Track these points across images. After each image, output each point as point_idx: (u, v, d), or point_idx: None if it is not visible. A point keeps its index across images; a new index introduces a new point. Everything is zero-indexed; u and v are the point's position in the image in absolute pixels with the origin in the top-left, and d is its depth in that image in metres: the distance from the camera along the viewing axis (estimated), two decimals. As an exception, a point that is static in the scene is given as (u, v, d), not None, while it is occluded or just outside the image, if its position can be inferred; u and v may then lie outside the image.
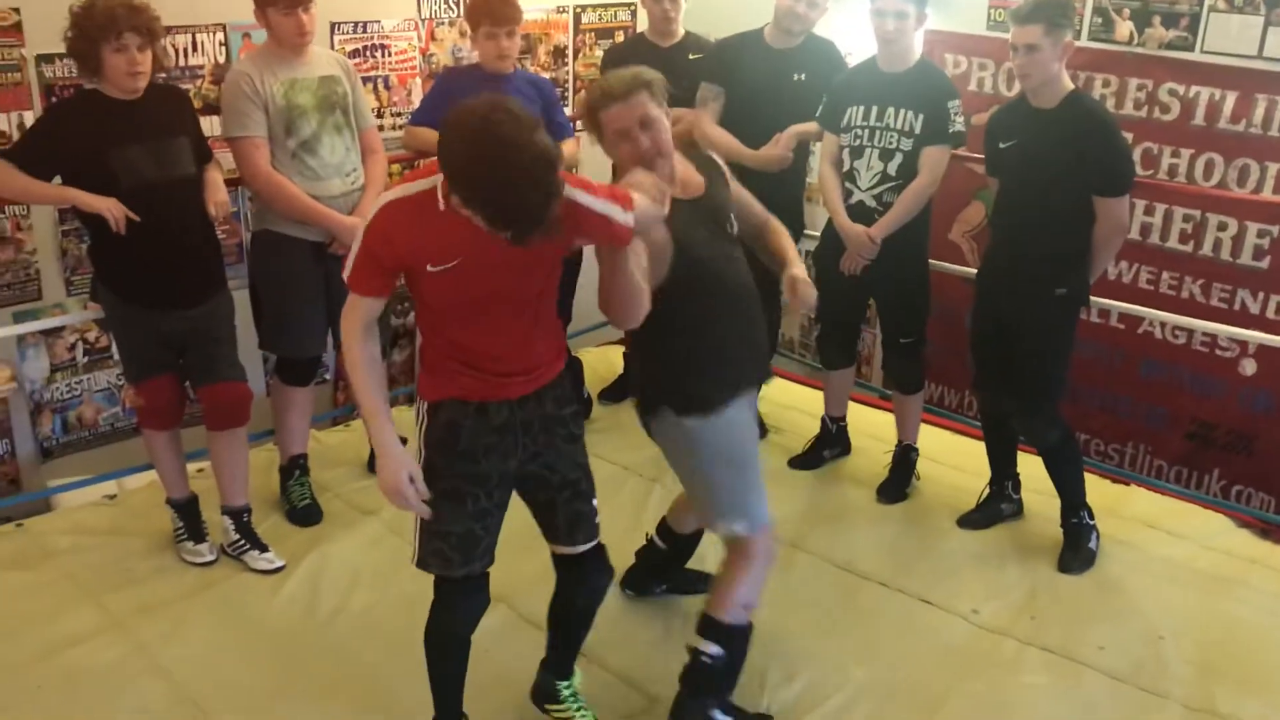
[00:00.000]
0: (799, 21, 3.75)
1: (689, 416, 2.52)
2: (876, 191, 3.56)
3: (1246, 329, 3.98)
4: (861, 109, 3.56)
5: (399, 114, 4.63)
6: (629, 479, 3.79)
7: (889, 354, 3.90)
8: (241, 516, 3.38)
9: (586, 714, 2.66)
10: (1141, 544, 3.53)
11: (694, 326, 2.49)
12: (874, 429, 4.13)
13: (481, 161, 1.93)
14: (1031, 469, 3.59)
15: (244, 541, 3.36)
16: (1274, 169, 4.00)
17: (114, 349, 3.90)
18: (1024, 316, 3.32)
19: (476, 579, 2.39)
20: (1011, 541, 3.54)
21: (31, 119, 3.61)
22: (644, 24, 4.43)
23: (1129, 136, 3.75)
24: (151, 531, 3.47)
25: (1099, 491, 3.67)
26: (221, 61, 4.12)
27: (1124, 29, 4.24)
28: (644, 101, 2.38)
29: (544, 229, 1.98)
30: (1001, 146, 3.32)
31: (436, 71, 4.66)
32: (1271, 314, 4.08)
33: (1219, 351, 4.25)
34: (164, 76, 3.21)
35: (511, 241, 1.99)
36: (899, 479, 3.85)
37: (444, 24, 4.76)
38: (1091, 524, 3.46)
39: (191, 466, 3.45)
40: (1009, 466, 3.66)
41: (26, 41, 3.70)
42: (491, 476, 2.32)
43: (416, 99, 4.61)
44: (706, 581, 2.88)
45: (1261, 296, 4.10)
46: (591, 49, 5.26)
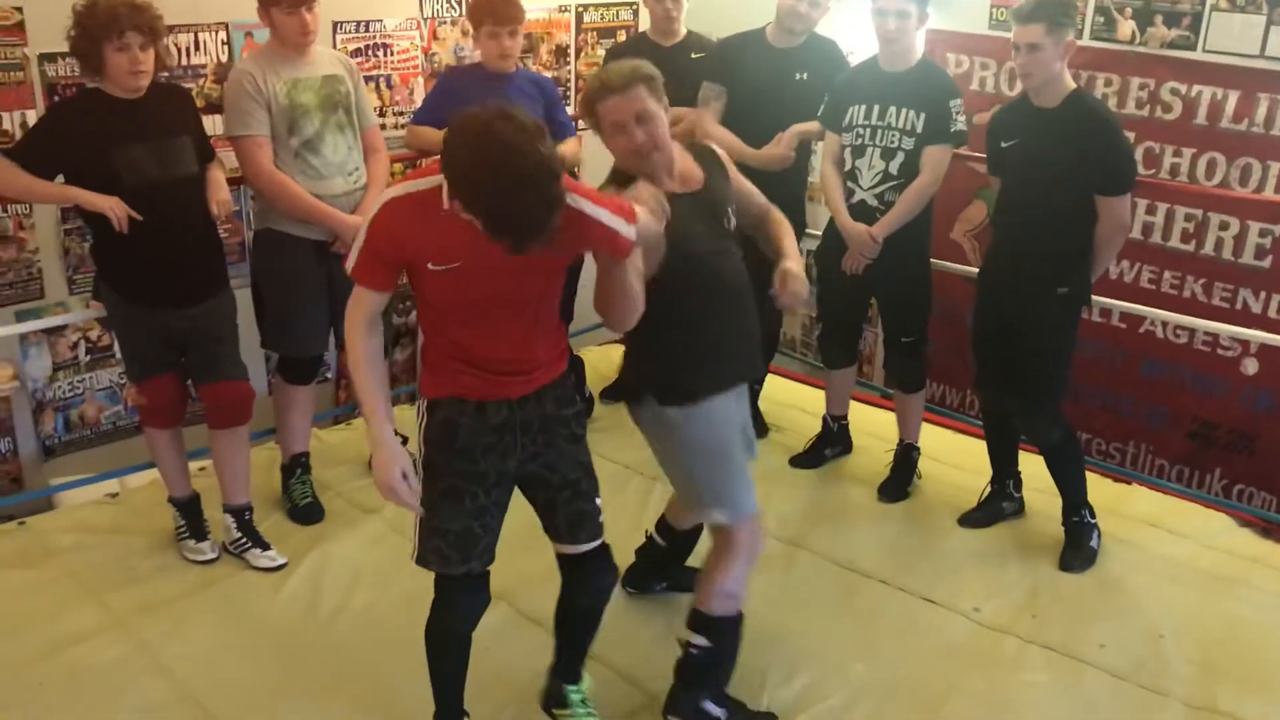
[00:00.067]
0: (801, 21, 3.75)
1: (670, 406, 2.54)
2: (878, 190, 3.56)
3: (1248, 328, 3.98)
4: (863, 108, 3.56)
5: (401, 113, 4.63)
6: (631, 478, 3.79)
7: (890, 353, 3.89)
8: (243, 515, 3.39)
9: None
10: (1143, 543, 3.53)
11: (685, 321, 2.49)
12: (875, 428, 4.14)
13: (483, 168, 1.92)
14: (1033, 468, 3.59)
15: (246, 540, 3.36)
16: (1276, 168, 4.00)
17: (116, 348, 3.90)
18: (1026, 315, 3.32)
19: (476, 578, 2.39)
20: (1013, 540, 3.55)
21: (34, 118, 3.61)
22: (646, 23, 4.43)
23: (1131, 136, 3.74)
24: (153, 530, 3.47)
25: (1100, 490, 3.67)
26: (224, 61, 4.12)
27: (1126, 28, 4.24)
28: (641, 96, 2.38)
29: (543, 239, 1.98)
30: (1003, 145, 3.32)
31: (438, 71, 4.66)
32: (1273, 313, 4.08)
33: (1221, 351, 4.25)
34: (166, 75, 3.21)
35: (510, 250, 1.98)
36: (900, 478, 3.85)
37: (446, 23, 4.76)
38: (1093, 523, 3.46)
39: (193, 465, 3.46)
40: (1010, 465, 3.66)
41: (29, 40, 3.70)
42: (489, 475, 2.32)
43: (418, 98, 4.61)
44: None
45: (1263, 296, 4.10)
46: (593, 48, 5.26)
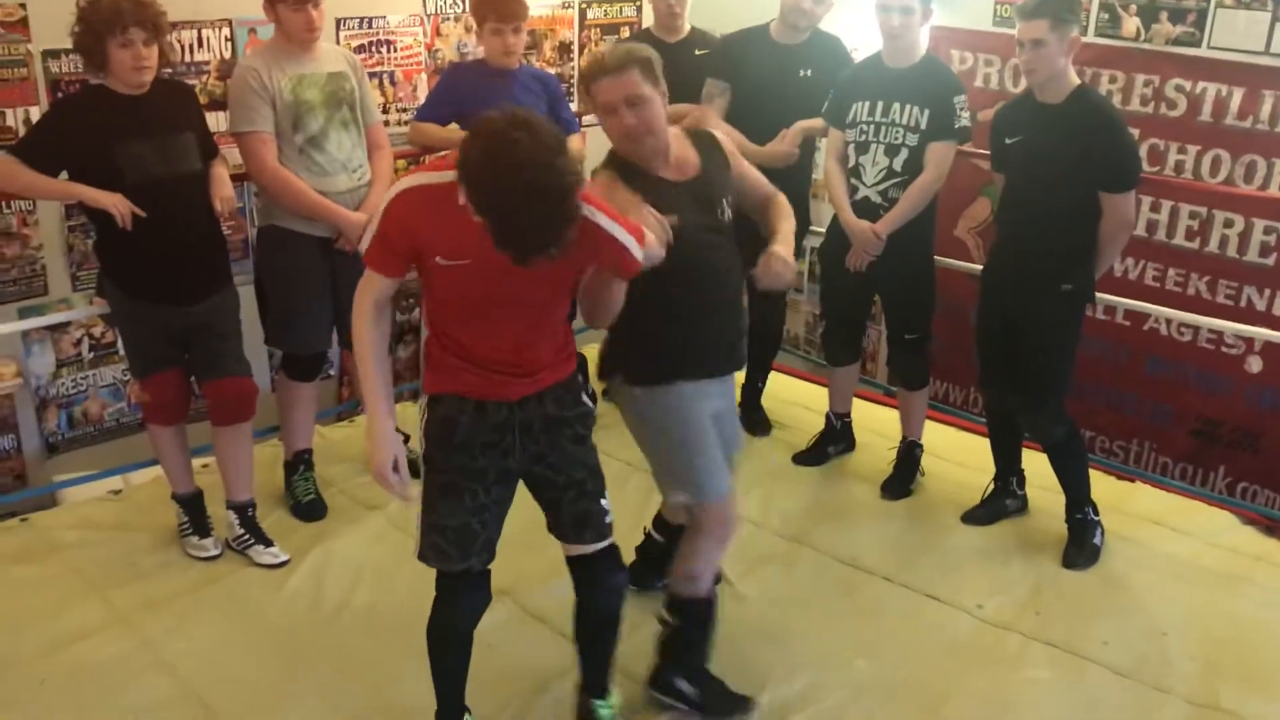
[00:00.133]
0: (805, 17, 3.75)
1: (638, 385, 2.58)
2: (882, 187, 3.56)
3: (1252, 326, 3.97)
4: (867, 105, 3.56)
5: (404, 109, 4.64)
6: (633, 475, 3.77)
7: (894, 350, 3.89)
8: (246, 511, 3.39)
9: None
10: (1146, 540, 3.53)
11: (665, 308, 2.49)
12: (879, 425, 4.13)
13: (494, 178, 1.90)
14: (1036, 465, 3.58)
15: (249, 536, 3.37)
16: (1281, 165, 4.00)
17: (120, 344, 3.91)
18: (1029, 312, 3.31)
19: (477, 575, 2.38)
20: (1016, 537, 3.54)
21: (38, 114, 3.61)
22: (649, 19, 4.43)
23: (1135, 132, 3.73)
24: (157, 526, 3.47)
25: (1104, 488, 3.67)
26: (227, 57, 4.12)
27: (1131, 24, 4.23)
28: (634, 78, 2.38)
29: (549, 254, 1.97)
30: (1007, 142, 3.32)
31: (442, 67, 4.67)
32: (1278, 311, 4.07)
33: (1225, 348, 4.24)
34: (170, 72, 3.21)
35: (512, 261, 1.98)
36: (903, 475, 3.85)
37: (449, 19, 4.76)
38: (1096, 520, 3.46)
39: (196, 462, 3.46)
40: (1014, 462, 3.65)
41: (33, 36, 3.70)
42: (489, 473, 2.32)
43: (422, 94, 4.61)
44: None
45: (1268, 293, 4.09)
46: (597, 45, 5.26)
